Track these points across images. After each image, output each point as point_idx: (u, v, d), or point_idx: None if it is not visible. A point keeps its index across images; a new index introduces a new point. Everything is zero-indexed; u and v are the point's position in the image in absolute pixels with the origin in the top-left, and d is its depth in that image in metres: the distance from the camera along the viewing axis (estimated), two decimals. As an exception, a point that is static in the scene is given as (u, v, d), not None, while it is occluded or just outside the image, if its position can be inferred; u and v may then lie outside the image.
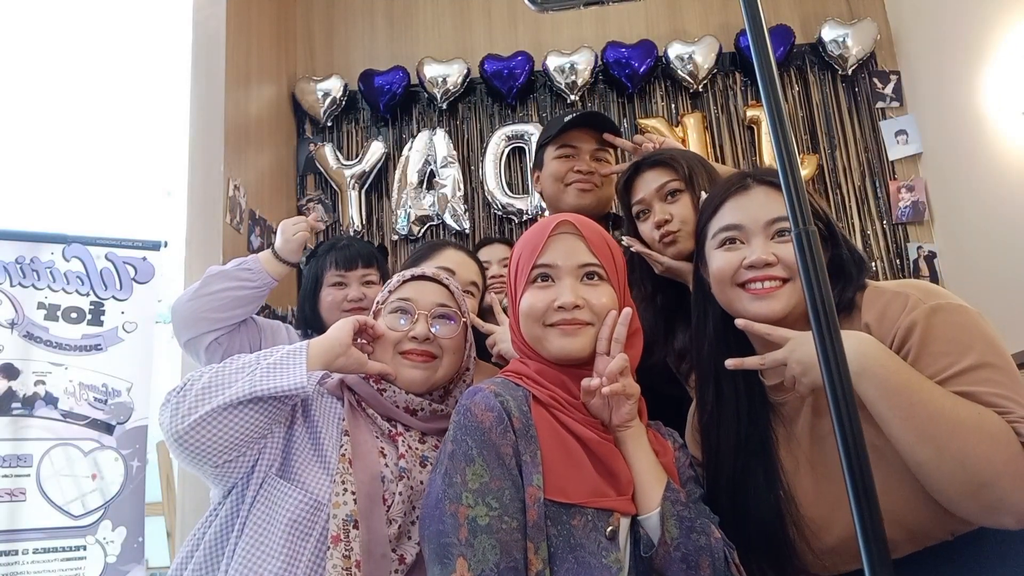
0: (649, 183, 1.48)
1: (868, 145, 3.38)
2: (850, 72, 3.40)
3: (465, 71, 3.42)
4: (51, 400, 2.29)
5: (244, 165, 2.87)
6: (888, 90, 3.42)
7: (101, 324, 2.41)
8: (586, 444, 1.02)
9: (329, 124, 3.46)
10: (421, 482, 1.13)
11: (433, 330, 1.21)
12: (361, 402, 1.20)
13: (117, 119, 3.62)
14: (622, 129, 3.42)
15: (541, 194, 1.90)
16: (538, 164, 1.87)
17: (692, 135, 3.34)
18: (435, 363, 1.21)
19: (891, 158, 3.34)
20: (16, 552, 2.17)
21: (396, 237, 3.36)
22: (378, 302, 1.28)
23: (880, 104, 3.41)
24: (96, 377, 2.36)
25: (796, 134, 3.37)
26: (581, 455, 1.01)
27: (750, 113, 3.39)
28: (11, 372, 2.27)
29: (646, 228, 1.49)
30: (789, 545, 1.08)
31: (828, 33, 3.39)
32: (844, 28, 3.38)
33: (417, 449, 1.17)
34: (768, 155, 3.31)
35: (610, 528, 0.96)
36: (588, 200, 1.75)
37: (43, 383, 2.30)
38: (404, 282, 1.26)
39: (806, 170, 3.31)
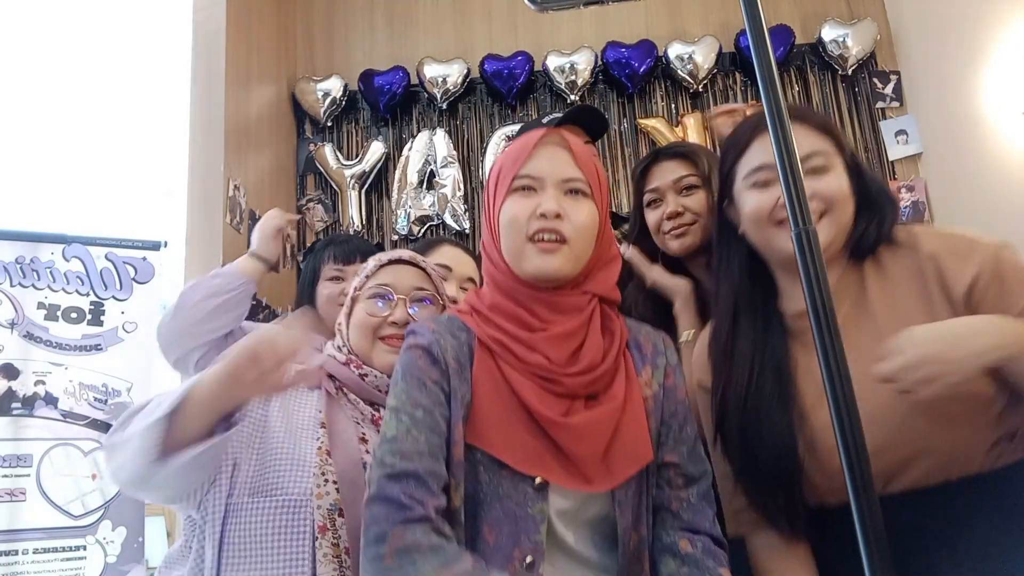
0: (666, 174, 1.49)
1: (868, 145, 3.37)
2: (850, 72, 3.40)
3: (465, 71, 3.41)
4: (51, 400, 2.29)
5: (244, 165, 2.87)
6: (888, 90, 3.42)
7: (101, 324, 2.41)
8: (537, 418, 0.94)
9: (329, 124, 3.46)
10: None
11: (411, 312, 1.21)
12: (342, 387, 1.20)
13: (117, 119, 3.61)
14: (622, 129, 3.43)
15: None
16: None
17: (692, 135, 3.33)
18: None
19: (891, 158, 3.34)
20: (16, 552, 2.17)
21: (396, 237, 3.35)
22: (355, 288, 1.26)
23: (880, 104, 3.40)
24: (96, 377, 2.36)
25: (796, 134, 3.36)
26: (523, 425, 0.94)
27: (750, 113, 3.38)
28: (11, 372, 2.27)
29: (653, 216, 1.50)
30: (799, 466, 1.07)
31: (828, 33, 3.38)
32: (844, 28, 3.38)
33: (399, 433, 1.18)
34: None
35: (538, 480, 0.93)
36: None
37: (43, 383, 2.30)
38: (381, 266, 1.25)
39: (806, 170, 3.30)
